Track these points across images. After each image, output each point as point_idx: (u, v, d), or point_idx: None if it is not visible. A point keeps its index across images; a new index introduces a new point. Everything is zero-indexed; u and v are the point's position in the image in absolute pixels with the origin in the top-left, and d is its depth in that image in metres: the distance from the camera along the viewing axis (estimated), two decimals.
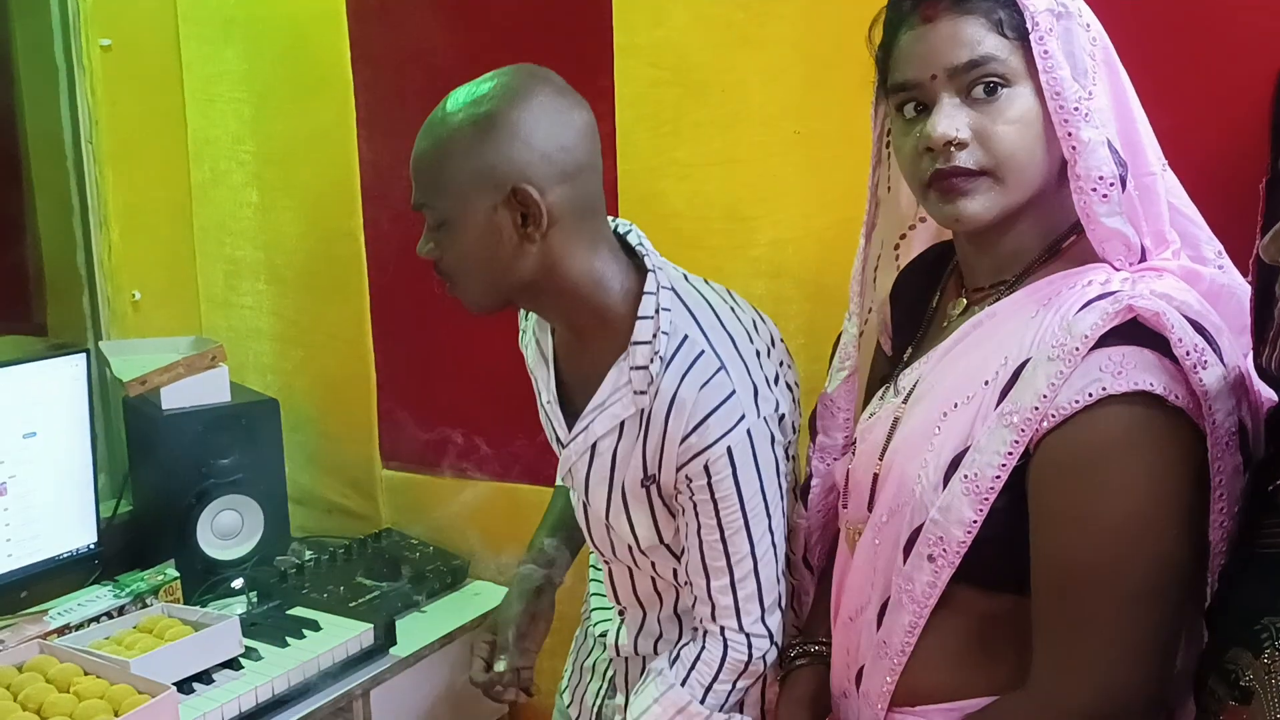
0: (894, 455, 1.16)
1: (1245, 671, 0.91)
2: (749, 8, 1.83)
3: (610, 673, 1.62)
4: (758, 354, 1.39)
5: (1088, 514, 1.00)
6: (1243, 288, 1.09)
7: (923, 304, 1.28)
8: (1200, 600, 1.06)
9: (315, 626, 1.92)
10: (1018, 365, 1.05)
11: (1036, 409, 1.01)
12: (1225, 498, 1.00)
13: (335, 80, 2.33)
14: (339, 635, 1.88)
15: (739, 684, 1.41)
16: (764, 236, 1.88)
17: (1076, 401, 0.99)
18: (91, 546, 2.07)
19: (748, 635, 1.38)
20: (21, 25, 2.38)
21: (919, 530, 1.10)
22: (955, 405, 1.10)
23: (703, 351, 1.34)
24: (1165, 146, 1.17)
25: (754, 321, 1.44)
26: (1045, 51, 1.05)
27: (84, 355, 2.05)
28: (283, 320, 2.58)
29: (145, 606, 1.90)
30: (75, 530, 2.05)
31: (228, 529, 2.18)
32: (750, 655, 1.39)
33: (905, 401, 1.19)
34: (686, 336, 1.35)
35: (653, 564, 1.47)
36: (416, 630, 2.02)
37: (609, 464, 1.40)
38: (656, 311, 1.34)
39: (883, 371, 1.32)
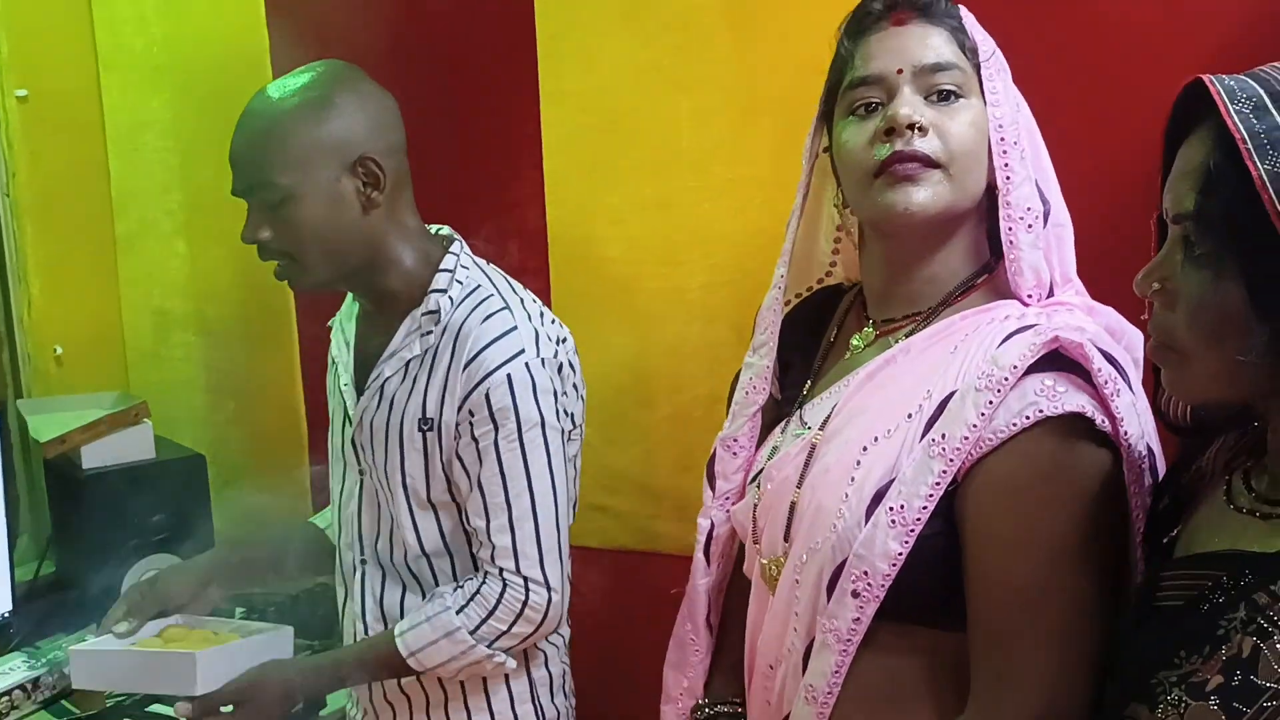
0: (812, 487, 1.16)
1: None
2: (678, 52, 1.82)
3: None
4: (547, 332, 1.48)
5: (1029, 535, 1.03)
6: (1134, 329, 1.16)
7: (815, 341, 1.30)
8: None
9: None
10: (943, 397, 1.07)
11: (967, 437, 1.04)
12: (1141, 517, 1.05)
13: None
14: None
15: (515, 629, 1.44)
16: (697, 280, 1.86)
17: (1014, 424, 1.03)
18: (5, 615, 2.00)
19: (526, 579, 1.43)
20: None
21: (842, 566, 1.09)
22: (876, 439, 1.11)
23: (491, 295, 1.48)
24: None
25: (551, 317, 1.53)
26: (993, 83, 1.14)
27: None
28: (214, 372, 2.53)
29: (64, 677, 1.82)
30: None
31: None
32: (527, 599, 1.43)
33: (822, 429, 1.18)
34: (479, 285, 1.49)
35: (416, 543, 1.49)
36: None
37: (389, 407, 1.49)
38: (456, 267, 1.49)
39: (770, 414, 1.31)
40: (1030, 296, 1.12)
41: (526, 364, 1.42)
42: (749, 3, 1.75)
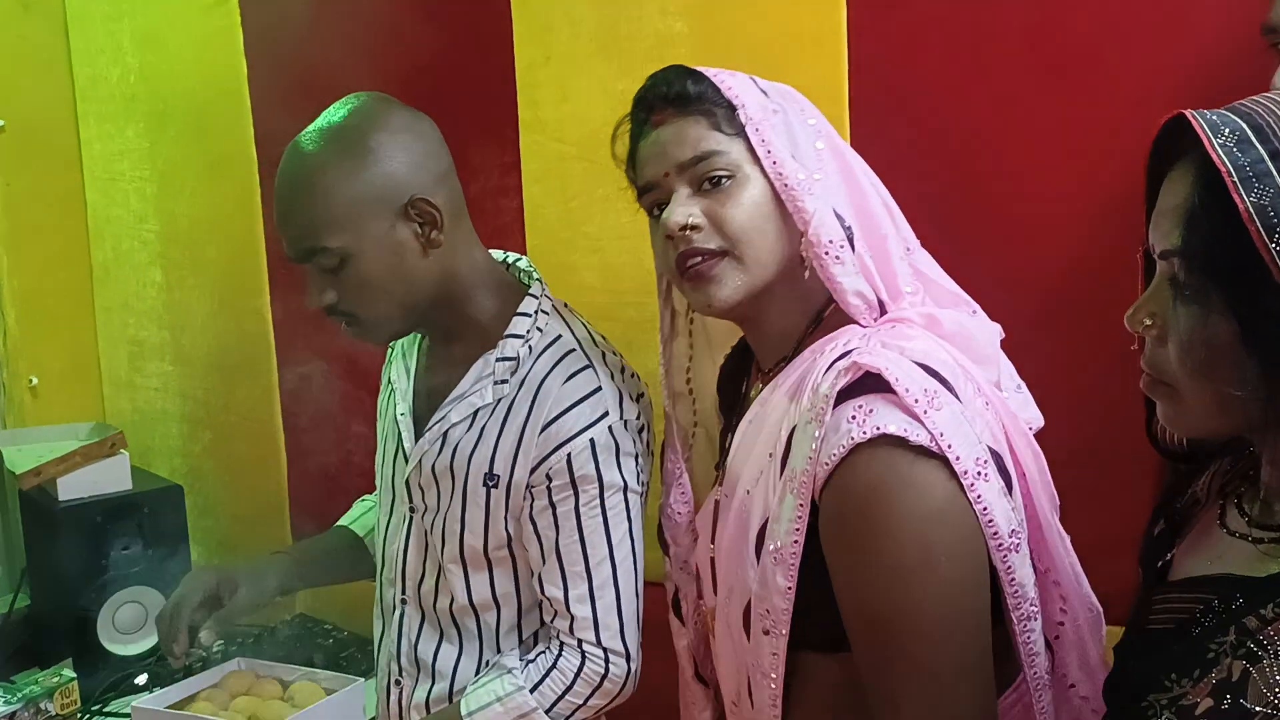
0: (720, 538, 1.20)
1: None
2: None
3: None
4: (628, 389, 1.41)
5: (866, 557, 1.03)
6: (988, 327, 1.20)
7: (738, 392, 1.33)
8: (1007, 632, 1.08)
9: None
10: (789, 433, 1.10)
11: (807, 470, 1.05)
12: (996, 521, 1.03)
13: (239, 157, 2.29)
14: None
15: (591, 701, 1.39)
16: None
17: (834, 455, 1.03)
18: None
19: (606, 651, 1.37)
20: None
21: (749, 606, 1.12)
22: (756, 481, 1.14)
23: (573, 350, 1.39)
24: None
25: (630, 371, 1.45)
26: (762, 139, 1.14)
27: None
28: (190, 401, 2.52)
29: (40, 712, 1.81)
30: None
31: (130, 623, 2.09)
32: (607, 671, 1.38)
33: (722, 485, 1.22)
34: (560, 336, 1.40)
35: (464, 595, 1.43)
36: None
37: (451, 455, 1.41)
38: (536, 312, 1.41)
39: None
40: (865, 319, 1.13)
41: (610, 427, 1.35)
42: (722, 34, 1.77)
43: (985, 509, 1.03)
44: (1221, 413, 0.86)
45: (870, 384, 1.04)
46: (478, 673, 1.45)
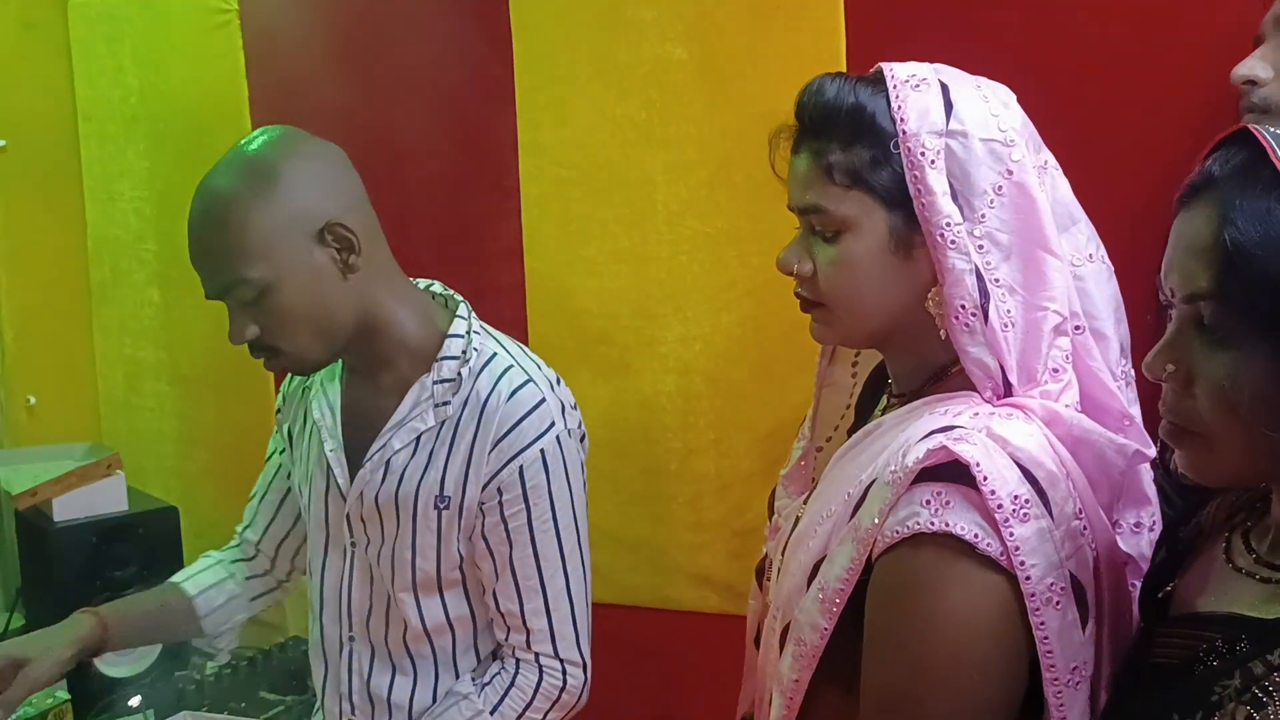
0: (789, 550, 1.17)
1: None
2: (652, 107, 1.85)
3: None
4: (564, 398, 1.43)
5: (896, 641, 1.00)
6: (1115, 442, 1.05)
7: (875, 398, 1.26)
8: None
9: None
10: (869, 483, 1.04)
11: (869, 531, 1.01)
12: (1055, 653, 0.97)
13: None
14: None
15: (550, 715, 1.41)
16: (672, 333, 1.87)
17: (897, 531, 0.98)
18: None
19: (563, 663, 1.39)
20: None
21: (789, 627, 1.10)
22: (832, 510, 1.10)
23: (511, 365, 1.40)
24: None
25: (559, 379, 1.46)
26: (915, 175, 1.03)
27: None
28: (187, 422, 2.52)
29: None
30: None
31: None
32: (565, 683, 1.40)
33: (805, 501, 1.20)
34: (495, 354, 1.41)
35: (418, 622, 1.42)
36: None
37: (398, 482, 1.40)
38: (468, 332, 1.41)
39: None
40: (984, 392, 1.05)
41: (557, 437, 1.37)
42: (721, 60, 1.78)
43: (1046, 638, 0.96)
44: (1254, 460, 0.82)
45: (958, 473, 0.96)
46: (434, 700, 1.44)
